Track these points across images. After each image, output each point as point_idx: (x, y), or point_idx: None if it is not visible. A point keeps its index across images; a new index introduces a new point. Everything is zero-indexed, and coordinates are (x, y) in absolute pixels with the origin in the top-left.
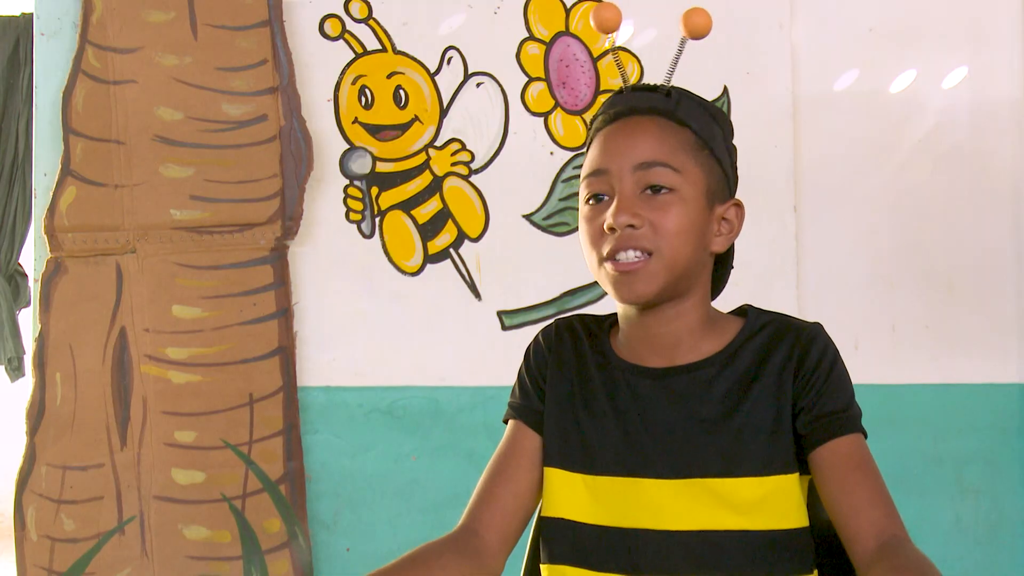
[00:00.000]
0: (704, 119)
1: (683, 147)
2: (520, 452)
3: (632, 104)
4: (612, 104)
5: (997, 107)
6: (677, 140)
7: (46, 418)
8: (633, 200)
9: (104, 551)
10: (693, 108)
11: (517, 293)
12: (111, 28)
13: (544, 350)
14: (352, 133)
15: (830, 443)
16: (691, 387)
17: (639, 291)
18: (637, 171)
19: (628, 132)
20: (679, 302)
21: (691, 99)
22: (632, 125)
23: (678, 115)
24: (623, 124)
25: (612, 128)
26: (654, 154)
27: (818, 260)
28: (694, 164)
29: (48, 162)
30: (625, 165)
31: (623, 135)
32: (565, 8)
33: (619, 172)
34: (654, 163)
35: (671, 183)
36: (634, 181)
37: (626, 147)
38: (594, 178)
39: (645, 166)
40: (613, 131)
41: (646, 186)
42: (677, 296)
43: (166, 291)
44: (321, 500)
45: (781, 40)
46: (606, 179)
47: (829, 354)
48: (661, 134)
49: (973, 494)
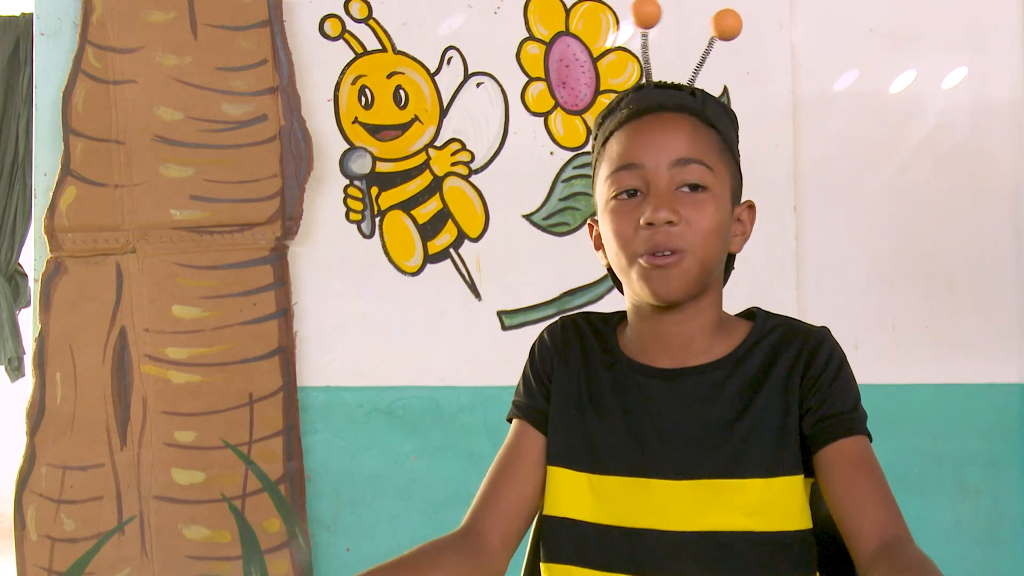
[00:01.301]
0: (726, 121)
1: (713, 147)
2: (524, 453)
3: (660, 100)
4: (636, 99)
5: (997, 107)
6: (708, 140)
7: (46, 418)
8: (671, 196)
9: (104, 551)
10: (717, 109)
11: (517, 293)
12: (111, 28)
13: (550, 348)
14: (352, 133)
15: (835, 444)
16: (701, 389)
17: (674, 289)
18: (673, 167)
19: (663, 127)
20: (696, 301)
21: (715, 101)
22: (665, 121)
23: (706, 115)
24: (655, 119)
25: (642, 122)
26: (691, 151)
27: (818, 260)
28: (722, 164)
29: (48, 162)
30: (661, 160)
31: (658, 130)
32: (565, 8)
33: (655, 167)
34: (691, 160)
35: (707, 181)
36: (670, 177)
37: (662, 142)
38: (626, 172)
39: (682, 163)
40: (644, 125)
41: (682, 183)
42: (697, 295)
43: (166, 291)
44: (321, 500)
45: (781, 40)
46: (640, 173)
47: (836, 357)
48: (695, 132)
49: (973, 494)
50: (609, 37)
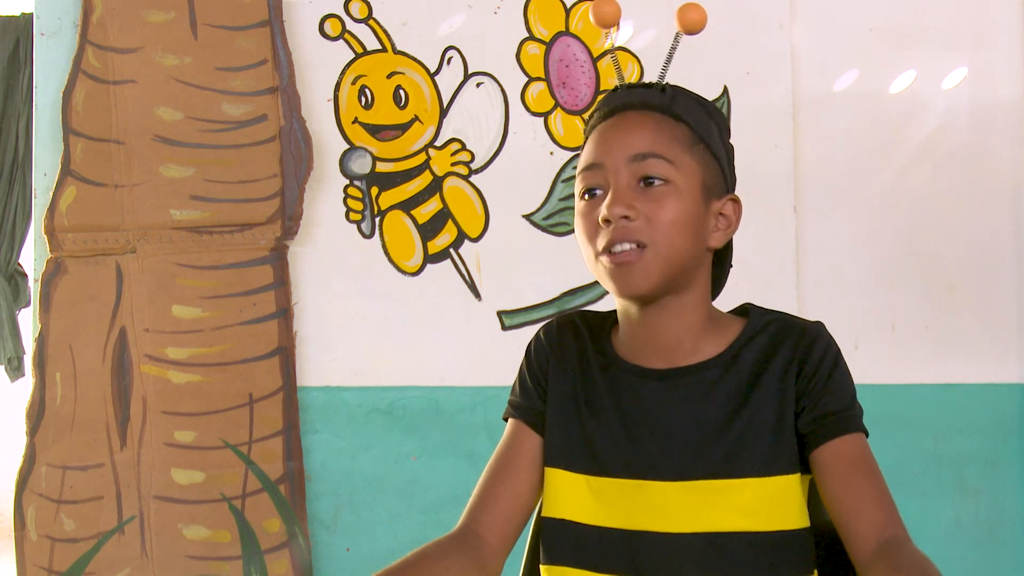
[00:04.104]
0: (699, 114)
1: (677, 140)
2: (520, 452)
3: (626, 100)
4: (607, 102)
5: (997, 107)
6: (672, 133)
7: (46, 418)
8: (628, 192)
9: (104, 551)
10: (688, 103)
11: (517, 293)
12: (111, 28)
13: (546, 348)
14: (352, 133)
15: (832, 442)
16: (695, 389)
17: (636, 284)
18: (631, 163)
19: (622, 126)
20: (678, 299)
21: (686, 95)
22: (626, 119)
23: (673, 110)
24: (618, 119)
25: (607, 124)
26: (648, 146)
27: (818, 260)
28: (689, 157)
29: (48, 162)
30: (619, 158)
31: (617, 129)
32: (565, 8)
33: (614, 165)
34: (648, 155)
35: (665, 174)
36: (629, 173)
37: (620, 140)
38: (588, 172)
39: (639, 158)
40: (607, 126)
41: (640, 178)
42: (675, 292)
43: (166, 291)
44: (321, 500)
45: (781, 40)
46: (601, 173)
47: (831, 354)
48: (655, 127)
49: (973, 494)
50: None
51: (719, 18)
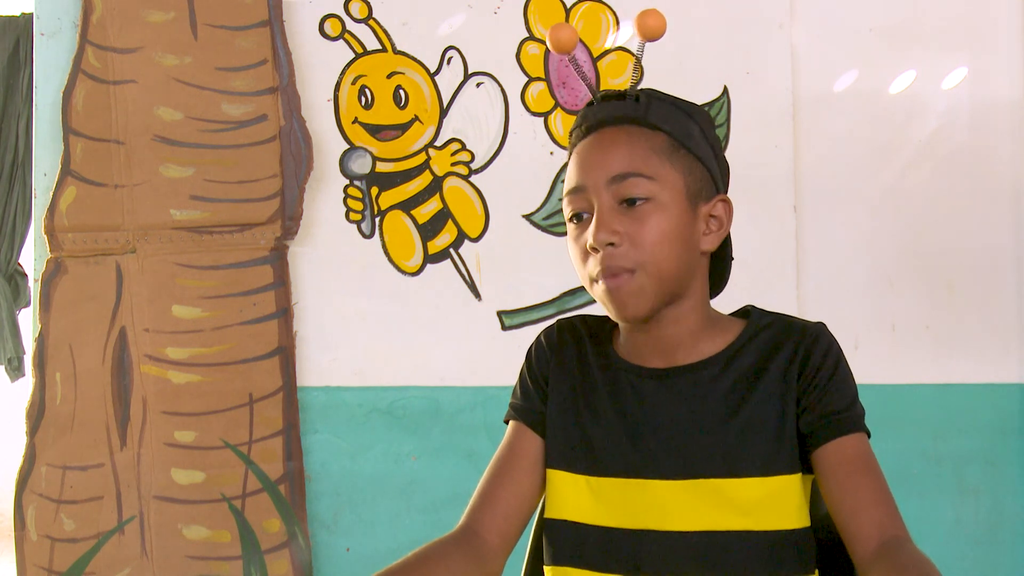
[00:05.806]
0: (677, 118)
1: (656, 152)
2: (521, 454)
3: (601, 116)
4: (583, 118)
5: (997, 107)
6: (649, 145)
7: (46, 418)
8: (611, 216)
9: (104, 551)
10: (664, 109)
11: (517, 293)
12: (111, 28)
13: (546, 351)
14: (352, 133)
15: (833, 442)
16: (694, 387)
17: (632, 308)
18: (612, 185)
19: (599, 146)
20: (677, 306)
21: (661, 100)
22: (602, 138)
23: (649, 120)
24: (595, 138)
25: (585, 143)
26: (625, 165)
27: (818, 260)
28: (670, 167)
29: (48, 162)
30: (600, 180)
31: (595, 149)
32: (565, 8)
33: (595, 188)
34: (627, 174)
35: (646, 192)
36: (610, 196)
37: (598, 161)
38: (572, 196)
39: (619, 179)
40: (586, 146)
41: (622, 199)
42: (674, 301)
43: (166, 291)
44: (321, 500)
45: (781, 40)
46: (584, 196)
47: (833, 353)
48: (631, 142)
49: (973, 494)
50: (609, 37)
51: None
